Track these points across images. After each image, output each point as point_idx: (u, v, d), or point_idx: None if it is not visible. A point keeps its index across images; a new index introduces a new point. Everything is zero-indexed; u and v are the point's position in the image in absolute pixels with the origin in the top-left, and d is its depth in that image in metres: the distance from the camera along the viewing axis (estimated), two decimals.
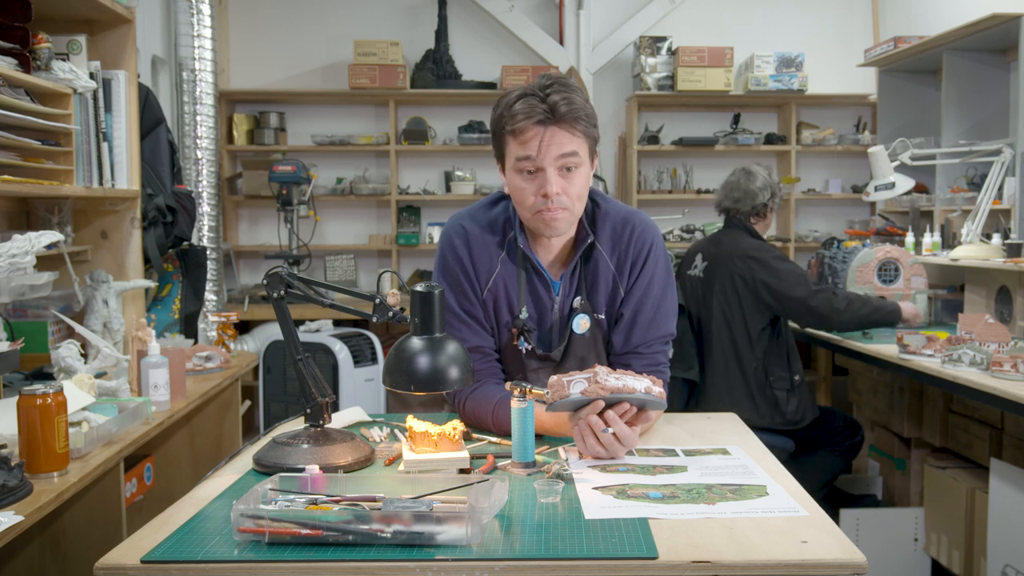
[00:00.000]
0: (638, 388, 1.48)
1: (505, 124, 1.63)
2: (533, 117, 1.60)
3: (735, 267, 3.10)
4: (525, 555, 1.11)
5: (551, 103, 1.60)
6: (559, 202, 1.64)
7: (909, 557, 3.19)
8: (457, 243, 1.77)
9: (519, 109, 1.61)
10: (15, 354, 1.90)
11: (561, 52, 5.14)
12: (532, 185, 1.65)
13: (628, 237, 1.77)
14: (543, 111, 1.60)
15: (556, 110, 1.60)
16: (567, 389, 1.47)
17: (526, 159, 1.63)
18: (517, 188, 1.67)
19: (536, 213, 1.66)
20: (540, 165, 1.62)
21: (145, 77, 4.06)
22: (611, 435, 1.48)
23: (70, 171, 2.28)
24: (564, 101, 1.60)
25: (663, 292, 1.79)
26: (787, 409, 3.06)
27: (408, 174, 5.31)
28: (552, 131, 1.61)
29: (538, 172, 1.63)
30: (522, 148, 1.62)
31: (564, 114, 1.60)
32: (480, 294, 1.77)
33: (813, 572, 1.10)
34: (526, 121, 1.60)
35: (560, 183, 1.63)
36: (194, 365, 2.63)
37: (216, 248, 4.21)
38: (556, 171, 1.63)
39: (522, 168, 1.64)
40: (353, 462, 1.49)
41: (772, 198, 3.19)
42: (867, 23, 5.28)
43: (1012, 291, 3.05)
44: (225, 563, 1.10)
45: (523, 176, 1.65)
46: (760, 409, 3.04)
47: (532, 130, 1.61)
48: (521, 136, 1.62)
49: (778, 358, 3.12)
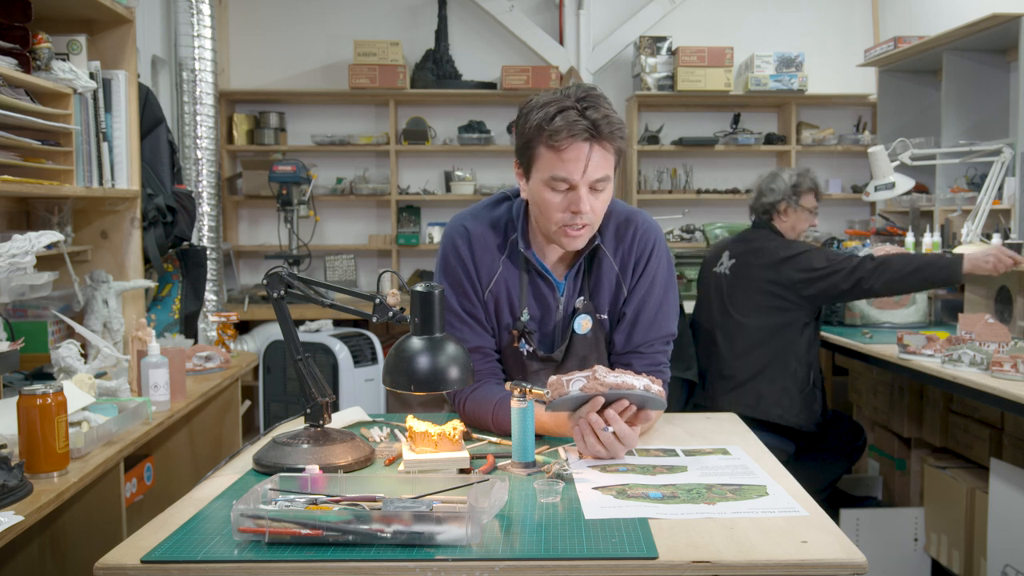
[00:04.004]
0: (637, 386, 1.49)
1: (544, 136, 1.59)
2: (577, 135, 1.56)
3: (768, 269, 3.04)
4: (525, 555, 1.11)
5: (592, 120, 1.56)
6: (586, 219, 1.63)
7: (909, 557, 3.19)
8: (459, 243, 1.77)
9: (560, 125, 1.56)
10: (15, 354, 1.90)
11: (561, 52, 5.14)
12: (562, 200, 1.62)
13: (631, 237, 1.77)
14: (586, 128, 1.56)
15: (598, 127, 1.57)
16: (566, 387, 1.47)
17: (563, 179, 1.60)
18: (545, 202, 1.64)
19: (561, 227, 1.65)
20: (575, 184, 1.60)
21: (145, 77, 4.06)
22: (611, 434, 1.48)
23: (70, 171, 2.28)
24: (605, 120, 1.57)
25: (665, 292, 1.79)
26: (818, 408, 3.03)
27: (408, 174, 5.31)
28: (594, 151, 1.58)
29: (570, 190, 1.62)
30: (561, 166, 1.59)
31: (606, 133, 1.58)
32: (481, 295, 1.77)
33: (813, 572, 1.10)
34: (570, 138, 1.56)
35: (591, 202, 1.62)
36: (194, 365, 2.63)
37: (216, 248, 4.21)
38: (588, 190, 1.61)
39: (555, 186, 1.62)
40: (353, 462, 1.49)
41: (787, 200, 3.14)
42: (867, 23, 5.28)
43: (1012, 291, 3.04)
44: (225, 563, 1.10)
45: (553, 191, 1.63)
46: (797, 406, 2.99)
47: (574, 149, 1.57)
48: (561, 153, 1.58)
49: (816, 356, 3.08)
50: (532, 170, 1.65)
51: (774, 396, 3.00)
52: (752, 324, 3.05)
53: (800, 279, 2.99)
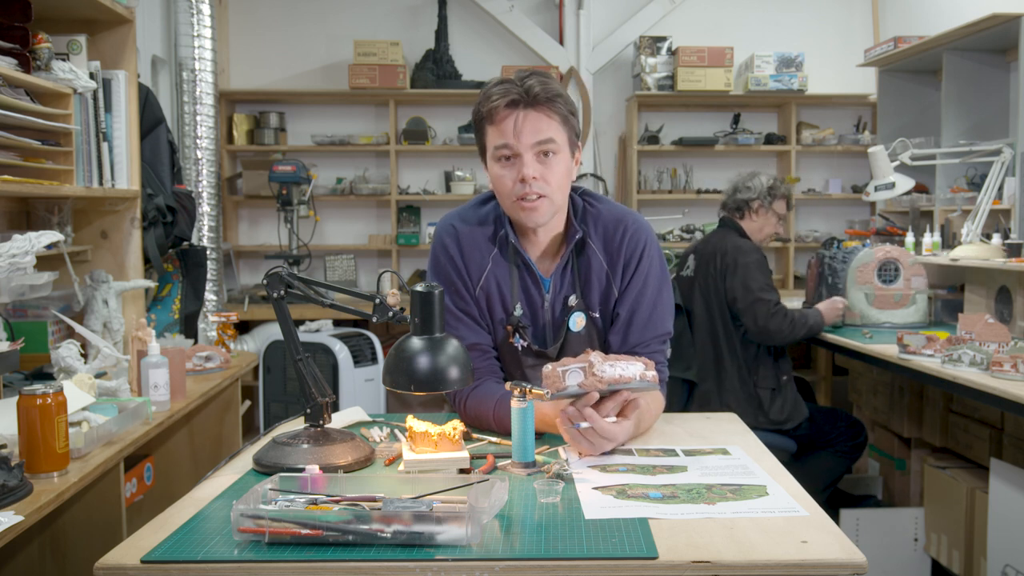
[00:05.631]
0: (634, 375, 1.49)
1: (482, 109, 1.67)
2: (507, 98, 1.63)
3: (716, 264, 3.15)
4: (525, 555, 1.11)
5: (527, 86, 1.63)
6: (537, 187, 1.65)
7: (909, 557, 3.19)
8: (448, 242, 1.79)
9: (495, 91, 1.65)
10: (15, 354, 1.90)
11: (561, 52, 5.14)
12: (511, 172, 1.67)
13: (621, 237, 1.78)
14: (518, 92, 1.63)
15: (530, 92, 1.63)
16: (563, 381, 1.47)
17: (503, 146, 1.65)
18: (496, 176, 1.69)
19: (516, 201, 1.68)
20: (517, 151, 1.65)
21: (145, 77, 4.06)
22: (589, 429, 1.48)
23: (70, 171, 2.28)
24: (539, 84, 1.63)
25: (658, 291, 1.79)
26: (770, 409, 3.07)
27: (408, 174, 5.31)
28: (527, 114, 1.63)
29: (515, 158, 1.66)
30: (499, 135, 1.65)
31: (538, 95, 1.63)
32: (473, 292, 1.78)
33: (813, 572, 1.10)
34: (500, 101, 1.63)
35: (537, 168, 1.65)
36: (194, 365, 2.63)
37: (216, 248, 4.21)
38: (533, 156, 1.65)
39: (500, 155, 1.67)
40: (353, 462, 1.49)
41: (761, 199, 3.22)
42: (867, 23, 5.28)
43: (1012, 291, 3.04)
44: (225, 563, 1.10)
45: (501, 164, 1.67)
46: (743, 408, 3.06)
47: (506, 113, 1.64)
48: (497, 121, 1.65)
49: (764, 357, 3.13)
50: (485, 152, 1.71)
51: (721, 399, 3.10)
52: (701, 327, 3.17)
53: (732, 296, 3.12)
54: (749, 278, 3.09)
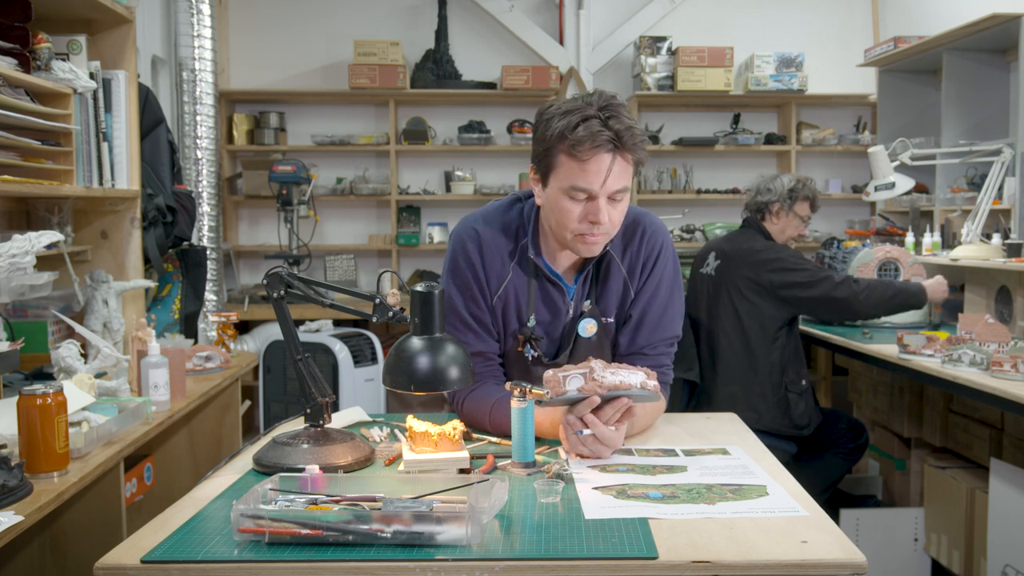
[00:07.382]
0: (634, 383, 1.49)
1: (566, 145, 1.57)
2: (600, 146, 1.55)
3: (749, 268, 3.07)
4: (525, 555, 1.11)
5: (615, 131, 1.55)
6: (603, 229, 1.63)
7: (909, 557, 3.19)
8: (470, 247, 1.75)
9: (583, 135, 1.55)
10: (15, 354, 1.90)
11: (561, 52, 5.14)
12: (580, 209, 1.62)
13: (639, 239, 1.77)
14: (609, 139, 1.55)
15: (622, 139, 1.56)
16: (563, 386, 1.47)
17: (583, 190, 1.59)
18: (563, 210, 1.63)
19: (577, 236, 1.64)
20: (595, 195, 1.60)
21: (145, 77, 4.06)
22: (590, 436, 1.48)
23: (70, 171, 2.28)
24: (628, 131, 1.56)
25: (671, 294, 1.79)
26: (795, 413, 3.04)
27: (408, 174, 5.31)
28: (614, 160, 1.57)
29: (588, 199, 1.61)
30: (583, 177, 1.58)
31: (628, 144, 1.57)
32: (490, 300, 1.76)
33: (813, 572, 1.10)
34: (592, 149, 1.55)
35: (609, 211, 1.62)
36: (194, 365, 2.63)
37: (216, 248, 4.21)
38: (607, 200, 1.61)
39: (575, 195, 1.61)
40: (353, 462, 1.49)
41: (781, 202, 3.16)
42: (867, 23, 5.28)
43: (1012, 291, 3.04)
44: (225, 563, 1.10)
45: (571, 197, 1.61)
46: (772, 411, 3.02)
47: (593, 155, 1.56)
48: (580, 158, 1.57)
49: (793, 360, 3.10)
50: (550, 177, 1.64)
51: (747, 401, 3.03)
52: (729, 327, 3.09)
53: (779, 282, 3.04)
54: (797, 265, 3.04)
